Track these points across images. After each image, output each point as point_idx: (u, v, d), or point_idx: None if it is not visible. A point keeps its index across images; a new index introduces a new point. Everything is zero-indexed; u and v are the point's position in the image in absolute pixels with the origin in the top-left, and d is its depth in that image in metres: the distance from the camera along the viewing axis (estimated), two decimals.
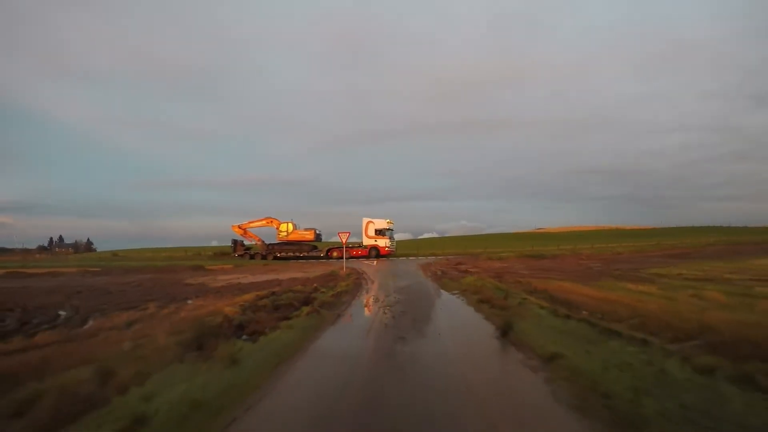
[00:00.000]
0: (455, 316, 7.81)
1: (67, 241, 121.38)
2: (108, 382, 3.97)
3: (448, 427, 3.05)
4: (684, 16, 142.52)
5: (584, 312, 7.75)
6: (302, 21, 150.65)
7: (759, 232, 68.69)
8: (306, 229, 33.53)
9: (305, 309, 8.05)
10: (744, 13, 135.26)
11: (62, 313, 10.69)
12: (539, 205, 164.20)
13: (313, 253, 32.97)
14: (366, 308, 8.97)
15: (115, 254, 47.07)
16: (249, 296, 10.58)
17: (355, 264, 24.60)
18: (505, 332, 5.59)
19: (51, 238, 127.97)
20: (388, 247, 31.41)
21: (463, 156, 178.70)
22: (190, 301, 11.13)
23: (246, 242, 34.60)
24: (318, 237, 34.02)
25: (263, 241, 34.26)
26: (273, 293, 10.99)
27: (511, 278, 14.17)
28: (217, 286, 16.28)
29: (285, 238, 33.45)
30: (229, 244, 35.35)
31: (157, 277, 22.62)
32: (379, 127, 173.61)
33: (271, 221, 34.00)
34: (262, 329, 6.24)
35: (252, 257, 33.07)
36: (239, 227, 34.40)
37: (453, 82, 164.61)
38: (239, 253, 33.97)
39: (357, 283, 13.42)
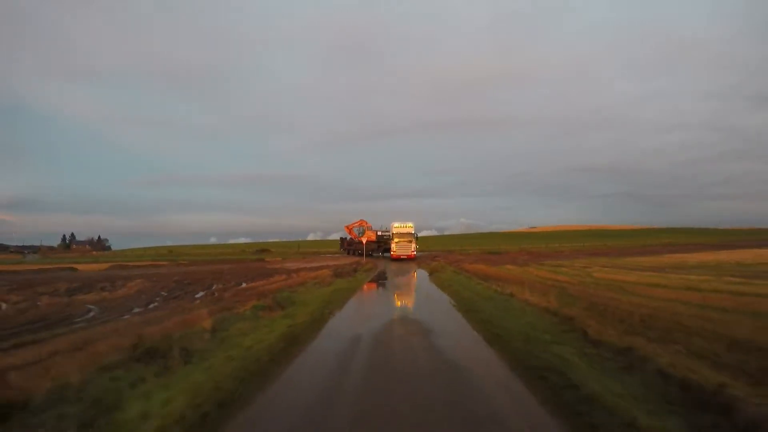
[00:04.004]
0: (418, 272, 20.26)
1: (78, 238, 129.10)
2: (323, 282, 16.12)
3: (408, 283, 15.39)
4: (684, 17, 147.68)
5: (471, 273, 19.92)
6: (304, 21, 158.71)
7: (735, 233, 79.37)
8: (372, 231, 39.25)
9: (360, 271, 20.23)
10: (743, 14, 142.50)
11: (239, 280, 22.86)
12: (539, 202, 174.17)
13: (376, 251, 38.44)
14: (383, 272, 21.22)
15: (170, 251, 58.78)
16: (326, 269, 22.63)
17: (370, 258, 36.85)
18: (430, 274, 17.90)
19: (64, 235, 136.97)
20: (395, 251, 34.23)
21: (463, 154, 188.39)
22: (297, 273, 23.18)
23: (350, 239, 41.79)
24: (380, 238, 38.96)
25: (358, 240, 41.14)
26: (337, 268, 23.09)
27: (457, 263, 26.36)
28: (293, 268, 28.38)
29: (360, 238, 39.86)
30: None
31: (240, 266, 34.75)
32: (381, 125, 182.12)
33: (362, 223, 40.12)
34: (351, 273, 18.37)
35: (349, 252, 41.37)
36: (348, 227, 41.84)
37: (454, 81, 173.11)
38: (344, 247, 42.31)
39: (374, 265, 25.70)
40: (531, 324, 6.49)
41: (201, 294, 17.61)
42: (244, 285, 20.21)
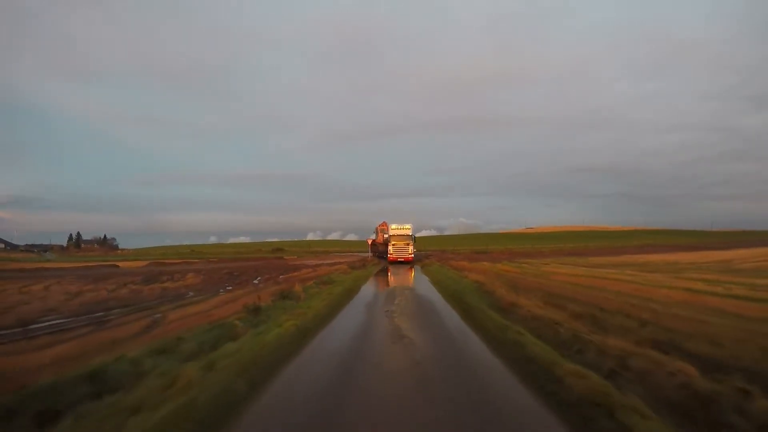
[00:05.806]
0: (413, 267, 27.00)
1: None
2: (344, 272, 22.85)
3: (403, 272, 22.23)
4: (684, 18, 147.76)
5: (451, 267, 26.66)
6: (304, 20, 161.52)
7: (734, 235, 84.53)
8: (382, 234, 41.18)
9: (369, 264, 26.95)
10: (743, 15, 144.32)
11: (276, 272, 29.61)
12: (538, 202, 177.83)
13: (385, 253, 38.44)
14: (386, 267, 27.95)
15: (192, 250, 65.42)
16: (342, 265, 29.32)
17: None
18: (421, 267, 24.69)
19: (71, 234, 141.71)
20: (391, 254, 33.84)
21: (463, 154, 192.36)
22: (319, 267, 29.82)
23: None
24: (386, 240, 38.77)
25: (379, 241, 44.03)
26: (350, 263, 29.78)
27: (444, 260, 33.11)
28: (312, 264, 35.04)
29: (369, 240, 44.06)
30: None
31: (266, 262, 41.33)
32: (381, 124, 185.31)
33: (383, 225, 41.49)
34: (362, 267, 25.05)
35: (374, 253, 44.39)
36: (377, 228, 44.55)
37: (453, 81, 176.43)
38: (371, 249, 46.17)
39: (379, 261, 32.50)
40: (464, 287, 13.18)
41: (256, 282, 24.17)
42: (281, 277, 26.78)
